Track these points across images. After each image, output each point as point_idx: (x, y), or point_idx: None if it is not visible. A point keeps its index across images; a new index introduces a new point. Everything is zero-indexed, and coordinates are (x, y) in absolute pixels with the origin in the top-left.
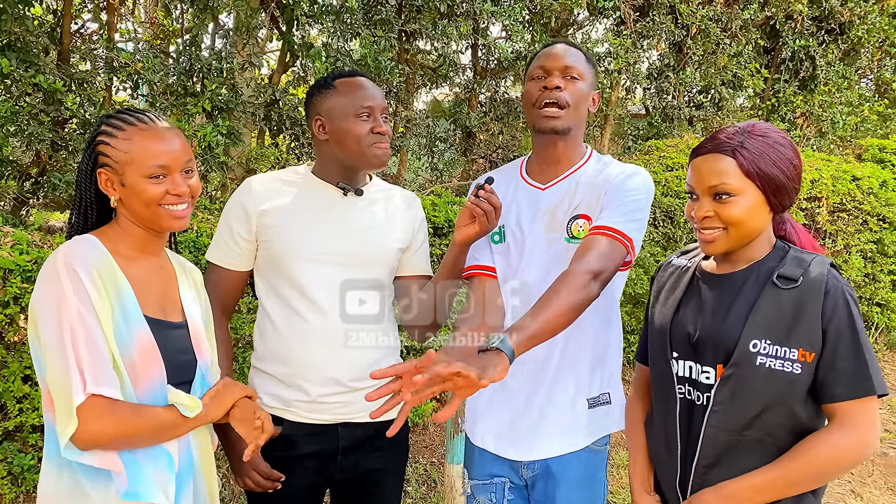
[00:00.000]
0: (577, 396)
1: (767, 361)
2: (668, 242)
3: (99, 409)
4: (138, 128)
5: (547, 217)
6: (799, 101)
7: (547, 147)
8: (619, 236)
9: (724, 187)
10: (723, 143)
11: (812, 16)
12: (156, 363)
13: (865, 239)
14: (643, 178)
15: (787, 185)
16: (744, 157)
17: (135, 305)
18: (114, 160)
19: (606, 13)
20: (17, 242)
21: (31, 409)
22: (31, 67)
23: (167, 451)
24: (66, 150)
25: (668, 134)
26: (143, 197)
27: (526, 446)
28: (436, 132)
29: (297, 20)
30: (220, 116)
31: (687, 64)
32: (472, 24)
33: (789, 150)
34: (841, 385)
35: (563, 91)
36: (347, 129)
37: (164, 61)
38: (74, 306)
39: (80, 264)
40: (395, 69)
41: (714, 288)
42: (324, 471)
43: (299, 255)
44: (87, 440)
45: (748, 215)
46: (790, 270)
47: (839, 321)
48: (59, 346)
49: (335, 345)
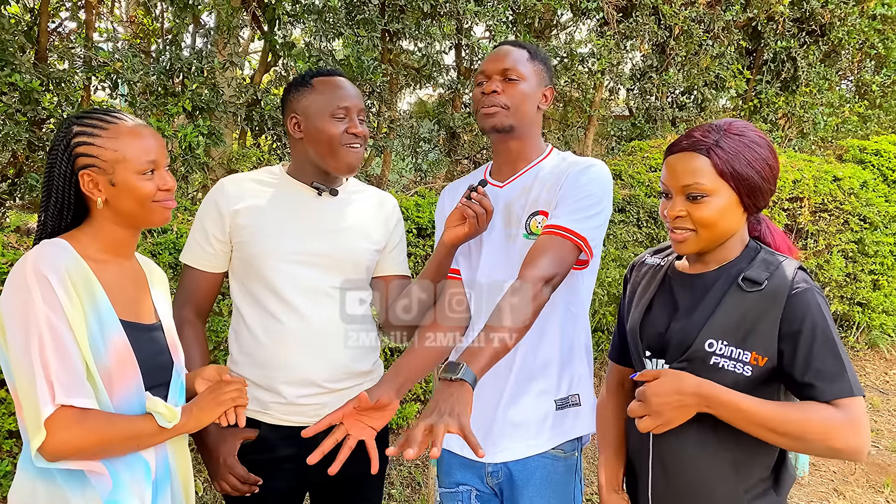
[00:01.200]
0: (542, 398)
1: (721, 361)
2: (652, 243)
3: (68, 421)
4: (121, 126)
5: (504, 213)
6: (781, 102)
7: (500, 147)
8: (571, 236)
9: (698, 187)
10: (698, 141)
11: (793, 17)
12: (131, 368)
13: (847, 239)
14: (598, 169)
15: (761, 186)
16: (718, 156)
17: (109, 309)
18: (102, 160)
19: (590, 14)
20: None
21: (6, 415)
22: (6, 66)
23: (144, 460)
24: (44, 151)
25: (652, 135)
26: (138, 194)
27: (488, 449)
28: (420, 133)
29: (279, 19)
30: (201, 117)
31: (670, 65)
32: (455, 24)
33: (766, 150)
34: (825, 385)
35: (500, 95)
36: (323, 128)
37: (144, 61)
38: (43, 314)
39: (50, 269)
40: (378, 69)
41: (685, 288)
42: (302, 474)
43: (273, 256)
44: (55, 452)
45: (720, 216)
46: (756, 273)
47: (812, 323)
48: (27, 356)
49: (310, 346)
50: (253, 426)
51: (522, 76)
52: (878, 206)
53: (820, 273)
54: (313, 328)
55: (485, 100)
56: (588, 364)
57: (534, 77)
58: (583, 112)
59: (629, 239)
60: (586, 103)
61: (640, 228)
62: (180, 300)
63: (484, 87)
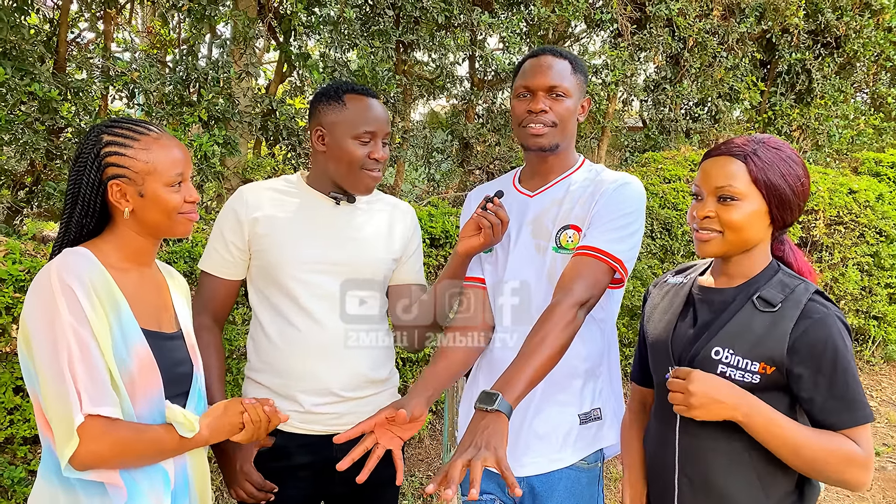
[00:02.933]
0: (566, 411)
1: (728, 370)
2: (666, 255)
3: (97, 430)
4: (152, 137)
5: (534, 224)
6: (795, 114)
7: (536, 159)
8: (606, 258)
9: (730, 190)
10: (737, 147)
11: (808, 30)
12: (154, 377)
13: (862, 252)
14: (633, 188)
15: (791, 200)
16: (754, 163)
17: (131, 319)
18: (133, 171)
19: (604, 25)
20: (9, 252)
21: (21, 421)
22: (26, 76)
23: (163, 469)
24: (61, 160)
25: (665, 146)
26: (165, 206)
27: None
28: (433, 143)
29: (295, 31)
30: (217, 126)
31: (684, 76)
32: (469, 35)
33: (800, 168)
34: (843, 415)
35: (548, 113)
36: (346, 149)
37: (161, 71)
38: (69, 324)
39: (74, 279)
40: (392, 80)
41: (705, 303)
42: (318, 482)
43: (291, 264)
44: (84, 461)
45: (748, 222)
46: (771, 294)
47: (833, 352)
48: (55, 367)
49: (328, 355)
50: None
51: (568, 92)
52: (893, 218)
53: (835, 286)
54: (331, 337)
55: (532, 118)
56: (613, 378)
57: (577, 91)
58: (596, 123)
59: (643, 250)
60: (600, 114)
61: (653, 240)
62: (198, 307)
63: (531, 104)
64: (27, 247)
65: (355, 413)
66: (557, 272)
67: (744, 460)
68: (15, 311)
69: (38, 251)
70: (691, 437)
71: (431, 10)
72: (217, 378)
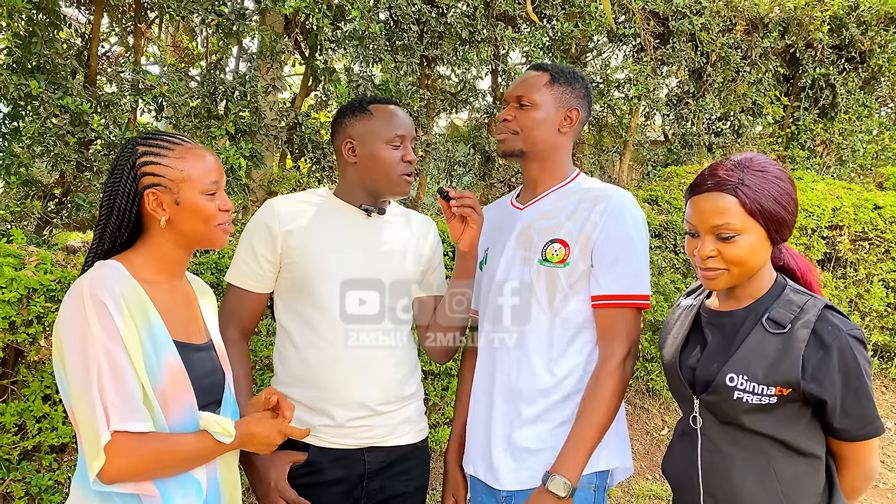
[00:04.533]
0: (558, 431)
1: (744, 396)
2: (689, 269)
3: (125, 446)
4: (187, 146)
5: (521, 235)
6: (819, 128)
7: (524, 171)
8: (634, 301)
9: (728, 227)
10: (723, 180)
11: (832, 44)
12: (185, 389)
13: (888, 268)
14: (630, 209)
15: (787, 219)
16: (745, 194)
17: (163, 331)
18: (168, 179)
19: (626, 40)
20: (41, 262)
21: (49, 430)
22: (58, 89)
23: (196, 479)
24: (91, 171)
25: (688, 160)
26: (202, 213)
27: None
28: (455, 156)
29: (321, 45)
30: (243, 139)
31: (706, 91)
32: (492, 50)
33: (787, 184)
34: (856, 430)
35: (510, 122)
36: (379, 156)
37: (188, 84)
38: (100, 340)
39: (106, 294)
40: (416, 94)
41: (715, 326)
42: (350, 496)
43: (324, 277)
44: (112, 476)
45: (751, 253)
46: (780, 314)
47: (845, 373)
48: (85, 383)
49: (361, 368)
50: (301, 449)
51: (535, 103)
52: None
53: (860, 302)
54: (364, 350)
55: (498, 126)
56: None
57: (551, 101)
58: (618, 137)
59: (666, 265)
60: (622, 128)
61: (676, 255)
62: (224, 320)
63: (501, 114)
64: (58, 257)
65: (385, 426)
66: (542, 284)
67: (768, 476)
68: (45, 321)
69: (68, 262)
70: (714, 456)
71: (455, 26)
72: (245, 393)
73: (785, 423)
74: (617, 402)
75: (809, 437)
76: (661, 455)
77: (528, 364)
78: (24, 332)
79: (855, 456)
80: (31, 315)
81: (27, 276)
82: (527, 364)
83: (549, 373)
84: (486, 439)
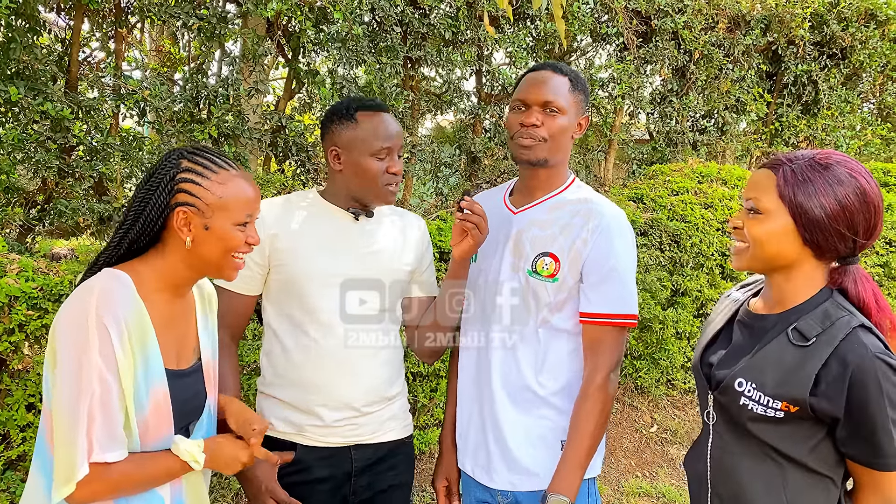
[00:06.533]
0: (551, 436)
1: (750, 404)
2: (675, 266)
3: (96, 475)
4: (231, 173)
5: (513, 241)
6: (802, 125)
7: (526, 174)
8: (622, 319)
9: (756, 203)
10: (778, 160)
11: (813, 41)
12: (167, 419)
13: (872, 262)
14: (623, 230)
15: (824, 223)
16: (785, 178)
17: (158, 360)
18: (204, 202)
19: (609, 39)
20: (22, 269)
21: (34, 438)
22: (38, 95)
23: (159, 495)
24: (73, 178)
25: (673, 158)
26: (229, 244)
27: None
28: (441, 157)
29: (304, 48)
30: (227, 143)
31: (690, 89)
32: (476, 50)
33: (846, 190)
34: (861, 455)
35: (540, 128)
36: (364, 166)
37: (171, 88)
38: (97, 368)
39: (111, 316)
40: (400, 96)
41: (746, 327)
42: (337, 493)
43: (312, 278)
44: (78, 500)
45: (771, 238)
46: (808, 326)
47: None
48: (74, 408)
49: (348, 369)
50: (289, 448)
51: (563, 109)
52: None
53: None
54: (351, 351)
55: (523, 131)
56: None
57: (573, 108)
58: (603, 136)
59: (652, 263)
60: (606, 127)
61: (662, 252)
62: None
63: (524, 117)
64: (40, 264)
65: (371, 424)
66: (529, 295)
67: (776, 486)
68: (28, 329)
69: (50, 269)
70: (724, 454)
71: (438, 27)
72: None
73: (793, 440)
74: (605, 417)
75: (821, 457)
76: (650, 453)
77: (515, 365)
78: (7, 340)
79: (873, 483)
80: (13, 323)
81: (8, 284)
82: (514, 365)
83: (535, 375)
84: (477, 438)
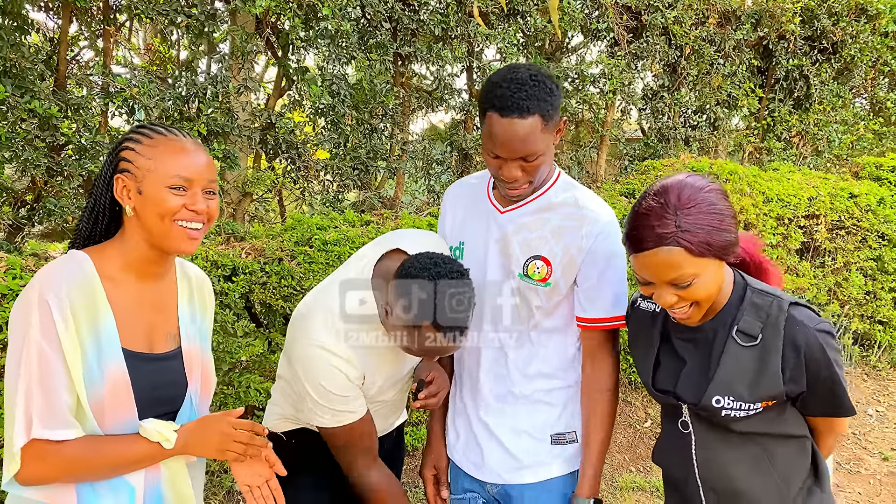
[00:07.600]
0: (539, 429)
1: (732, 413)
2: None
3: (42, 452)
4: (166, 137)
5: (502, 243)
6: (794, 120)
7: None
8: (615, 323)
9: (683, 278)
10: (663, 234)
11: (804, 35)
12: (126, 402)
13: (865, 256)
14: (616, 238)
15: (733, 239)
16: (690, 241)
17: (113, 339)
18: (135, 165)
19: (600, 35)
20: (10, 267)
21: None
22: (26, 94)
23: (129, 485)
24: (62, 176)
25: (665, 154)
26: (161, 207)
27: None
28: (432, 154)
29: (293, 45)
30: (216, 140)
31: (681, 84)
32: (466, 47)
33: (721, 203)
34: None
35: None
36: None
37: (160, 86)
38: (37, 343)
39: (52, 294)
40: (390, 92)
41: (687, 343)
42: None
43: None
44: (27, 480)
45: (713, 285)
46: (749, 324)
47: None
48: (13, 384)
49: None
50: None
51: (540, 151)
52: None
53: (839, 291)
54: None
55: (507, 185)
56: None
57: (549, 138)
58: (595, 132)
59: None
60: (598, 124)
61: None
62: None
63: (502, 170)
64: (27, 262)
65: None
66: (522, 298)
67: (764, 463)
68: None
69: (38, 266)
70: (709, 453)
71: (428, 23)
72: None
73: (775, 420)
74: (614, 415)
75: (795, 421)
76: (644, 447)
77: (505, 364)
78: None
79: (829, 427)
80: (1, 321)
81: None
82: (504, 364)
83: (526, 373)
84: (466, 430)
